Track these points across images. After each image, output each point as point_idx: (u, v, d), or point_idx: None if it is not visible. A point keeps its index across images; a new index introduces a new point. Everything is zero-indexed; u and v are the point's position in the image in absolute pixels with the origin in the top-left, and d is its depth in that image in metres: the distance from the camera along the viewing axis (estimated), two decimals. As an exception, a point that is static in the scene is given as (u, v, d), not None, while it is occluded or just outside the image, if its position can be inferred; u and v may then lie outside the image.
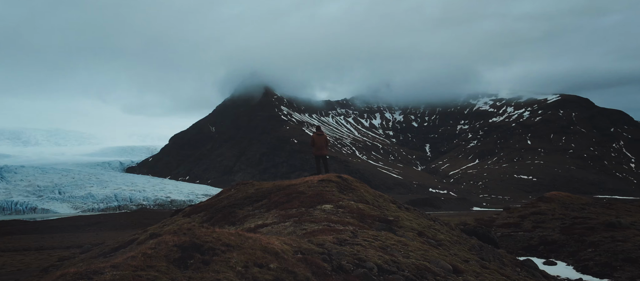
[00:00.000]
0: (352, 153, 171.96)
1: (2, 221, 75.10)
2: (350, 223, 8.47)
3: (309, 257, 4.67)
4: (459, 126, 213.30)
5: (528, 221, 23.24)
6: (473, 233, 14.23)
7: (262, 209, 10.66)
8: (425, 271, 5.70)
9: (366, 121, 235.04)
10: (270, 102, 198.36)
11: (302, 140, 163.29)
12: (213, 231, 4.69)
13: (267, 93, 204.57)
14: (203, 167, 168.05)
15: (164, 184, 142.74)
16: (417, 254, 6.81)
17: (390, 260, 5.72)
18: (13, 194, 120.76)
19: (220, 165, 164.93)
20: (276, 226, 8.42)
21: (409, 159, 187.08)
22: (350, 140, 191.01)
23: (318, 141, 17.57)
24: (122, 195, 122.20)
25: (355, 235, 7.15)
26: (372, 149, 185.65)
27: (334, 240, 6.39)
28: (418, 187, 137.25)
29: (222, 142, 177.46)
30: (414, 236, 8.72)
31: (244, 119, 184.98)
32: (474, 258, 8.70)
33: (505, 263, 10.20)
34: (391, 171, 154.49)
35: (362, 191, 13.37)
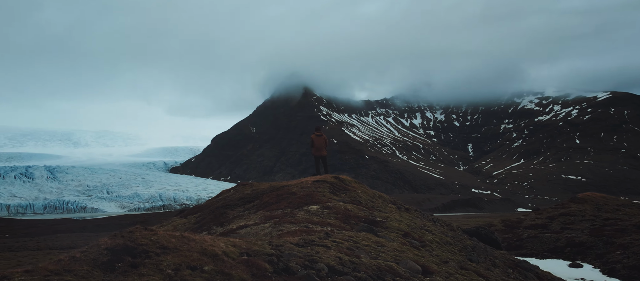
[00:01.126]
0: (392, 153, 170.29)
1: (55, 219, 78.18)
2: (330, 224, 8.43)
3: (252, 259, 4.60)
4: (502, 125, 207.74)
5: (556, 223, 22.72)
6: (474, 234, 14.09)
7: (252, 210, 10.73)
8: (386, 272, 5.58)
9: (406, 121, 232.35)
10: (310, 102, 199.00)
11: (342, 140, 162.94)
12: (154, 234, 4.59)
13: (306, 93, 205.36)
14: (244, 167, 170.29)
15: (206, 184, 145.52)
16: (389, 255, 6.70)
17: (349, 261, 5.60)
18: (64, 193, 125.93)
19: (261, 166, 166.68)
20: (256, 227, 8.48)
21: (450, 159, 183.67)
22: (390, 139, 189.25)
23: (317, 142, 17.54)
24: (166, 194, 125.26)
25: (328, 236, 7.08)
26: (413, 149, 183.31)
27: (299, 241, 6.28)
28: (460, 187, 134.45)
29: (262, 143, 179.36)
30: (397, 237, 8.61)
31: (283, 120, 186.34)
32: (457, 259, 8.57)
33: (497, 264, 10.13)
34: (432, 171, 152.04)
35: (359, 192, 13.41)
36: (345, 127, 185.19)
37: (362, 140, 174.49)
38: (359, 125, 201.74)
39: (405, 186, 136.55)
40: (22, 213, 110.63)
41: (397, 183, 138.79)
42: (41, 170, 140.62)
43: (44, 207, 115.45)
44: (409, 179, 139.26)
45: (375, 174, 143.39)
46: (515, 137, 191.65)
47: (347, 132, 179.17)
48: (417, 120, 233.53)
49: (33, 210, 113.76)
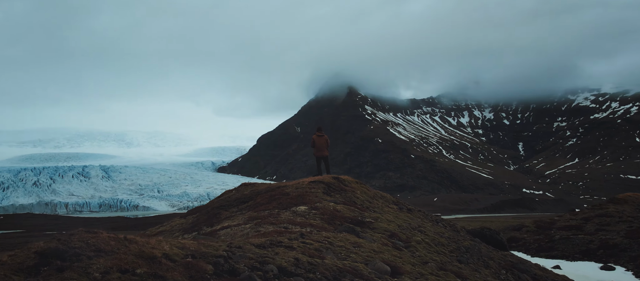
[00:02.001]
0: (439, 152, 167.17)
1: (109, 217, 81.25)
2: (312, 224, 8.38)
3: (195, 261, 4.47)
4: (555, 123, 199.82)
5: (591, 224, 21.86)
6: (478, 235, 14.02)
7: (244, 210, 10.74)
8: (347, 273, 5.51)
9: (453, 119, 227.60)
10: (354, 101, 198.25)
11: (387, 139, 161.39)
12: (93, 236, 4.48)
13: (350, 93, 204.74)
14: (289, 167, 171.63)
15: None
16: (361, 256, 6.60)
17: (307, 262, 5.49)
18: (118, 192, 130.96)
19: (306, 165, 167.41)
20: (237, 227, 8.51)
21: (500, 158, 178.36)
22: (437, 138, 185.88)
23: (318, 142, 17.47)
24: (214, 193, 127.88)
25: (302, 237, 7.03)
26: (460, 148, 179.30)
27: (263, 242, 6.20)
28: (510, 187, 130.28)
29: (307, 142, 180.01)
30: (380, 238, 8.52)
31: (328, 119, 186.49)
32: (442, 260, 8.45)
33: (490, 265, 10.02)
34: (481, 170, 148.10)
35: (358, 192, 13.36)
36: (390, 126, 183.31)
37: (408, 139, 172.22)
38: (405, 124, 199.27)
39: (452, 186, 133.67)
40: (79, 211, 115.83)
41: (443, 182, 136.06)
42: (97, 169, 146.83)
43: (100, 205, 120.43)
44: (456, 179, 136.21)
45: (421, 174, 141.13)
46: (569, 135, 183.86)
47: (392, 131, 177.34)
48: (464, 119, 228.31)
49: (89, 208, 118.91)
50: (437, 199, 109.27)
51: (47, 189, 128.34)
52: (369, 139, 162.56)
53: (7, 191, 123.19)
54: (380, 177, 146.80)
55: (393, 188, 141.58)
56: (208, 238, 7.37)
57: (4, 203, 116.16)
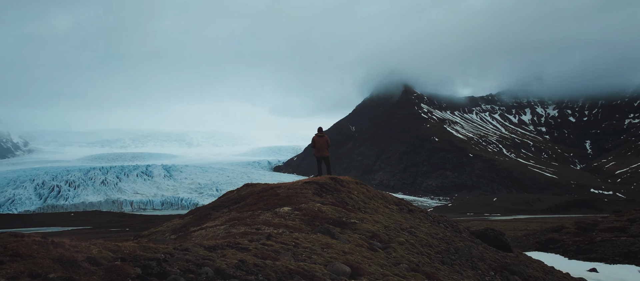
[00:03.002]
0: (499, 151, 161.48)
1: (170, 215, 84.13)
2: (288, 226, 8.35)
3: (120, 264, 4.33)
4: (627, 120, 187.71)
5: (637, 226, 21.00)
6: (482, 236, 13.96)
7: (232, 211, 10.75)
8: (296, 275, 5.41)
9: (514, 117, 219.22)
10: (410, 100, 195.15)
11: (444, 138, 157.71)
12: (17, 240, 4.27)
13: (406, 91, 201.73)
14: (344, 166, 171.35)
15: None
16: (324, 258, 6.53)
17: (253, 264, 5.38)
18: (179, 191, 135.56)
19: (360, 164, 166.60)
20: (212, 229, 8.57)
21: (565, 157, 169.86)
22: (497, 137, 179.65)
23: (319, 143, 17.45)
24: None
25: (269, 238, 7.00)
26: (522, 146, 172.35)
27: (217, 244, 6.09)
28: (576, 187, 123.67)
29: (361, 141, 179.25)
30: (358, 239, 8.43)
31: (383, 118, 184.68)
32: (421, 261, 8.31)
33: (479, 266, 9.93)
34: (544, 170, 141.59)
35: (355, 193, 13.34)
36: (448, 125, 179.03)
37: (466, 137, 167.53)
38: (462, 123, 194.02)
39: (513, 185, 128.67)
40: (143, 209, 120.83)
41: (504, 182, 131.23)
42: (159, 169, 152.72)
43: (162, 203, 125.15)
44: (517, 178, 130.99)
45: (480, 173, 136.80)
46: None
47: (450, 129, 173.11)
48: (526, 116, 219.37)
49: (152, 206, 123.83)
50: (496, 199, 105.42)
51: (113, 187, 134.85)
52: (425, 138, 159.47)
53: (78, 189, 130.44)
54: (436, 176, 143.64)
55: (450, 187, 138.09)
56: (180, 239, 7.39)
57: (76, 200, 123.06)
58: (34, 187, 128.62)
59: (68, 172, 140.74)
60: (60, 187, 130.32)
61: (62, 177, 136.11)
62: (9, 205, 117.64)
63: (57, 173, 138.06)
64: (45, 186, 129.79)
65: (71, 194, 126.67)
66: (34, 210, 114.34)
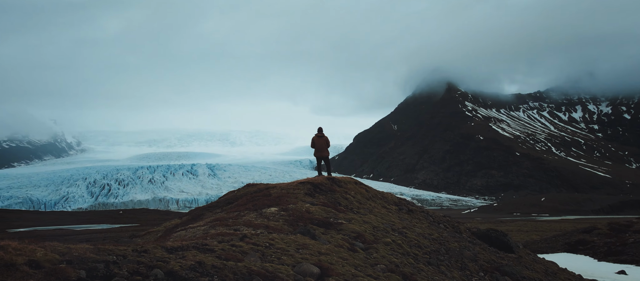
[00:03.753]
0: (547, 150, 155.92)
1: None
2: (269, 226, 8.32)
3: (62, 267, 4.26)
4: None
5: None
6: (483, 237, 13.89)
7: (224, 211, 10.64)
8: (256, 276, 5.33)
9: (564, 114, 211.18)
10: (454, 98, 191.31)
11: (489, 136, 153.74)
12: None
13: (450, 89, 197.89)
14: (386, 165, 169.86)
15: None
16: (294, 258, 6.46)
17: (212, 265, 5.27)
18: (223, 189, 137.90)
19: (403, 163, 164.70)
20: (193, 229, 8.56)
21: (619, 156, 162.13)
22: (545, 135, 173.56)
23: (319, 143, 17.15)
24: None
25: (242, 239, 6.97)
26: (572, 145, 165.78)
27: (181, 245, 5.99)
28: (632, 186, 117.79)
29: (404, 140, 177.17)
30: (339, 240, 8.39)
31: (426, 117, 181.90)
32: (402, 261, 8.22)
33: (468, 267, 9.85)
34: (596, 169, 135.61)
35: (352, 193, 13.34)
36: (493, 123, 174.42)
37: (512, 136, 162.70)
38: (509, 121, 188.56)
39: (562, 185, 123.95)
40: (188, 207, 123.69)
41: (553, 181, 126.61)
42: (204, 167, 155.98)
43: (206, 202, 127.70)
44: (567, 177, 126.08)
45: (528, 172, 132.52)
46: None
47: (495, 127, 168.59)
48: (577, 114, 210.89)
49: (197, 204, 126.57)
50: (544, 199, 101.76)
51: (160, 186, 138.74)
52: (469, 136, 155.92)
53: (127, 187, 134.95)
54: (482, 176, 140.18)
55: (496, 187, 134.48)
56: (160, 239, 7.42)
57: (125, 198, 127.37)
58: (86, 186, 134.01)
59: (118, 170, 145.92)
60: (111, 185, 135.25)
61: (112, 175, 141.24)
62: (63, 202, 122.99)
63: (108, 172, 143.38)
64: (97, 184, 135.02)
65: (121, 192, 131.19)
66: (87, 207, 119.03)
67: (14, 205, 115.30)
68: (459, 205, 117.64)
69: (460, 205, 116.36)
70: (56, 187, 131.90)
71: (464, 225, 15.04)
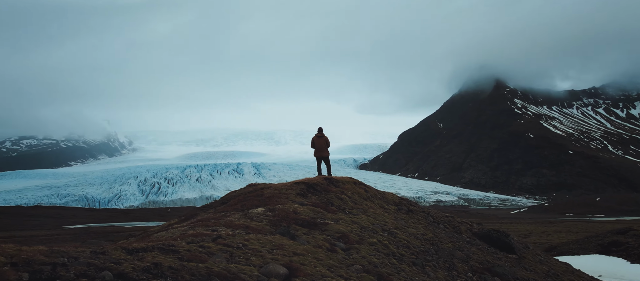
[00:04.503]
0: (603, 148, 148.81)
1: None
2: (248, 226, 8.27)
3: (5, 270, 4.20)
4: None
5: None
6: (484, 237, 13.84)
7: (216, 212, 10.66)
8: (215, 277, 5.25)
9: (622, 111, 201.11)
10: (502, 95, 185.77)
11: (540, 134, 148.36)
12: None
13: (498, 86, 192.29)
14: (432, 164, 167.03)
15: (393, 181, 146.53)
16: (265, 259, 6.40)
17: (168, 266, 5.17)
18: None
19: (449, 162, 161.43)
20: (174, 230, 8.64)
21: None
22: (601, 132, 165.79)
23: (318, 143, 17.25)
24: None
25: (214, 240, 6.91)
26: (631, 143, 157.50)
27: (144, 246, 5.93)
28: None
29: (450, 138, 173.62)
30: (320, 240, 8.29)
31: (472, 114, 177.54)
32: (380, 262, 8.11)
33: (456, 267, 9.80)
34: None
35: (349, 193, 13.28)
36: (544, 120, 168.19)
37: (565, 133, 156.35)
38: (561, 118, 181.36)
39: (620, 184, 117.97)
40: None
41: (609, 181, 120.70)
42: (249, 166, 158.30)
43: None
44: (625, 176, 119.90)
45: (582, 171, 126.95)
46: None
47: (546, 125, 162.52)
48: (636, 110, 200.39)
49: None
50: (600, 199, 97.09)
51: (207, 184, 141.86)
52: (518, 134, 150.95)
53: (176, 186, 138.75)
54: (532, 175, 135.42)
55: (547, 186, 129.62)
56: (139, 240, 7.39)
57: (173, 196, 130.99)
58: (137, 184, 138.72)
59: (167, 169, 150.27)
60: (160, 183, 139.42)
61: (162, 174, 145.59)
62: (116, 200, 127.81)
63: (157, 171, 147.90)
64: (147, 183, 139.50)
65: (169, 191, 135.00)
66: (138, 205, 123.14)
67: (71, 202, 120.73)
68: (508, 204, 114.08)
69: (509, 205, 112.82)
70: (109, 185, 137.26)
71: (466, 225, 14.82)
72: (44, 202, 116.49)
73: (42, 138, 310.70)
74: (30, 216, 68.70)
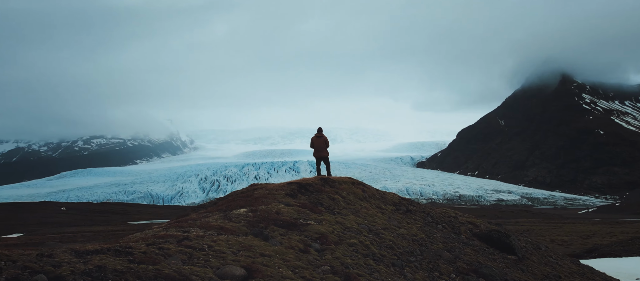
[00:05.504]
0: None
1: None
2: (222, 227, 8.20)
3: None
4: None
5: None
6: (485, 238, 13.78)
7: (207, 212, 10.65)
8: (160, 279, 5.24)
9: None
10: (568, 90, 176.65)
11: (611, 131, 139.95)
12: None
13: (564, 80, 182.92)
14: (492, 162, 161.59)
15: (452, 179, 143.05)
16: (224, 261, 6.38)
17: (113, 269, 5.12)
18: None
19: (511, 160, 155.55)
20: (150, 230, 8.59)
21: None
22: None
23: (317, 143, 17.28)
24: (413, 189, 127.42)
25: (180, 240, 6.89)
26: None
27: (92, 249, 5.83)
28: None
29: (512, 136, 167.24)
30: (294, 241, 8.21)
31: (536, 110, 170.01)
32: (353, 263, 8.07)
33: (441, 268, 9.77)
34: None
35: (344, 193, 13.20)
36: (616, 116, 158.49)
37: (639, 130, 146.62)
38: (635, 113, 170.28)
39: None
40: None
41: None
42: (305, 164, 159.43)
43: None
44: None
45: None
46: None
47: (618, 121, 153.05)
48: None
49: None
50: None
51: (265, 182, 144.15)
52: (587, 131, 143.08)
53: (234, 184, 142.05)
54: (602, 173, 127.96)
55: (619, 185, 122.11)
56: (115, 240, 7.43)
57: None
58: (198, 181, 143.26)
59: (226, 167, 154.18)
60: (220, 181, 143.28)
61: (221, 172, 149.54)
62: (178, 197, 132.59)
63: (217, 169, 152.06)
64: (207, 180, 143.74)
65: (229, 188, 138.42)
66: (199, 202, 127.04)
67: (137, 199, 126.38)
68: (575, 204, 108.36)
69: (576, 205, 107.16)
70: (172, 182, 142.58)
71: (467, 226, 14.62)
72: (112, 199, 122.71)
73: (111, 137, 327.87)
74: (99, 213, 72.43)
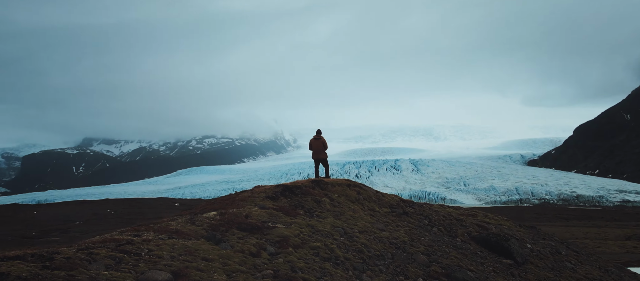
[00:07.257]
0: None
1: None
2: (177, 231, 8.11)
3: None
4: None
5: None
6: (482, 241, 13.68)
7: (189, 214, 10.56)
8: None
9: None
10: None
11: None
12: None
13: None
14: (616, 160, 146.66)
15: (568, 178, 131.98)
16: (155, 265, 6.34)
17: (16, 276, 5.03)
18: (426, 185, 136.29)
19: (639, 158, 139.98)
20: (111, 233, 8.54)
21: None
22: None
23: (315, 145, 17.33)
24: (523, 188, 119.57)
25: (119, 244, 6.87)
26: None
27: (14, 255, 5.76)
28: None
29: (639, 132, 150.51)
30: (249, 245, 8.13)
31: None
32: (306, 267, 8.00)
33: (409, 272, 9.63)
34: None
35: (334, 195, 13.08)
36: None
37: None
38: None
39: None
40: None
41: None
42: (407, 163, 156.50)
43: (410, 197, 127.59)
44: None
45: None
46: None
47: None
48: None
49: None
50: None
51: (366, 181, 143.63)
52: None
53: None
54: None
55: None
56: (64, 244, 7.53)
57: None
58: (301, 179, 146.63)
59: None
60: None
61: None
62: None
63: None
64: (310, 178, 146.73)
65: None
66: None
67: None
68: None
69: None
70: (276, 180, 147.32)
71: (467, 229, 14.31)
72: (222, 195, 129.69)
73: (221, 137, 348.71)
74: (210, 208, 76.75)
